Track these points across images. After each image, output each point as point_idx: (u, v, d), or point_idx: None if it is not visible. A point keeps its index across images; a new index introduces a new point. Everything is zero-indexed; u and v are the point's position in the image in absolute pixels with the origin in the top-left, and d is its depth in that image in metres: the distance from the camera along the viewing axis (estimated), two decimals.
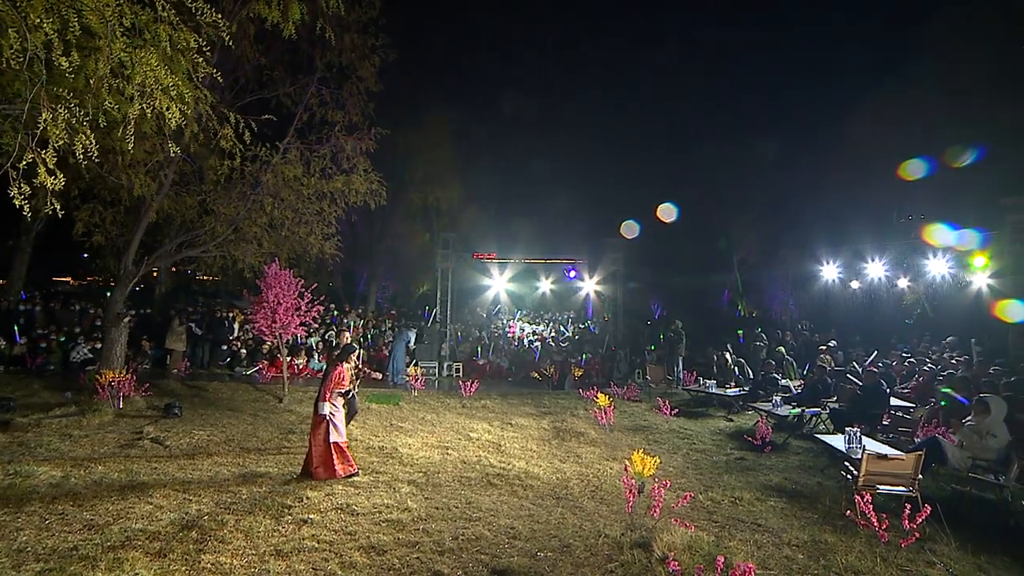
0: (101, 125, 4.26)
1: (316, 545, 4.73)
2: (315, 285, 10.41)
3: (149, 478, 6.17)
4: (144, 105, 4.32)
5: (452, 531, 5.10)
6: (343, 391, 6.60)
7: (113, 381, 8.73)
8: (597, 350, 16.46)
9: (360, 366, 8.07)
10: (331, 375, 6.51)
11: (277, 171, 9.60)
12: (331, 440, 6.38)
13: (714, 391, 11.45)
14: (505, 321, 19.35)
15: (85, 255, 17.70)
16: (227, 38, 5.00)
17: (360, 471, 6.57)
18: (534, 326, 19.07)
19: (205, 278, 20.04)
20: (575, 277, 18.92)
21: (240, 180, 9.90)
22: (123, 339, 9.50)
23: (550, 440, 8.86)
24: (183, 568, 4.24)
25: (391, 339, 15.62)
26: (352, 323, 15.77)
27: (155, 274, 15.34)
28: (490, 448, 8.19)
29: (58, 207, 4.38)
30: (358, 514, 5.44)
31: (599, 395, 9.76)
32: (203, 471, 6.53)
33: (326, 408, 6.38)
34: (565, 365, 14.66)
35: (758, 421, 9.12)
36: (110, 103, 4.13)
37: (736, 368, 13.58)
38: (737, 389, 11.56)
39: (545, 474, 7.07)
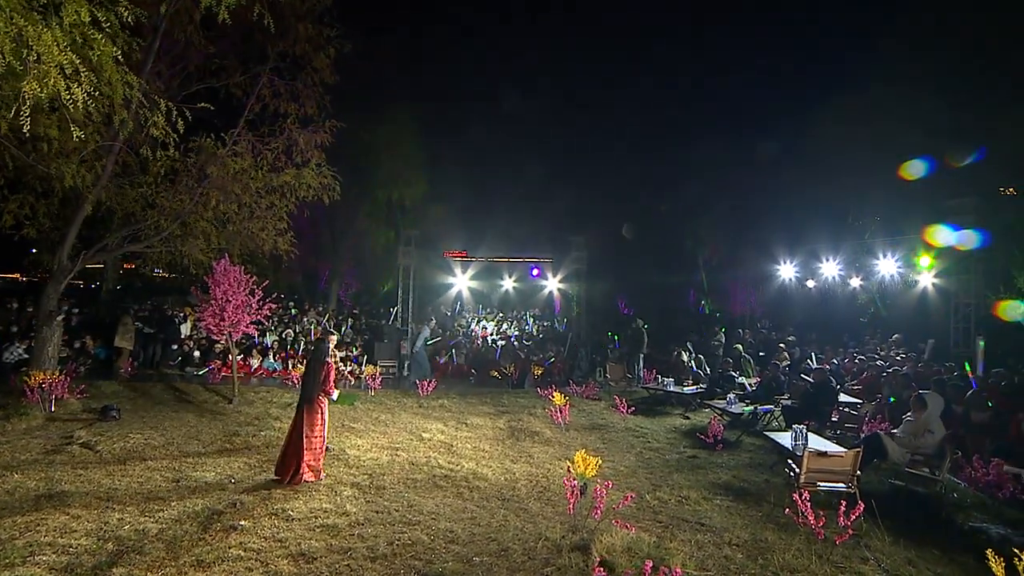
0: None
1: (242, 554, 4.51)
2: (267, 282, 10.06)
3: (71, 486, 5.83)
4: (37, 85, 4.01)
5: (388, 536, 4.94)
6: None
7: (44, 382, 8.25)
8: (560, 349, 16.43)
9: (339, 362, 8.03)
10: (326, 373, 6.34)
11: (225, 163, 9.22)
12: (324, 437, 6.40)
13: (672, 389, 11.51)
14: (469, 319, 19.17)
15: (33, 250, 16.74)
16: (126, 14, 4.69)
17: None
18: (499, 325, 18.94)
19: (163, 275, 19.31)
20: (538, 275, 18.88)
21: (186, 173, 9.48)
22: (56, 338, 9.00)
23: (504, 440, 8.74)
24: None
25: (352, 338, 15.33)
26: (314, 322, 15.41)
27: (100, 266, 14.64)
28: (441, 449, 8.03)
29: None
30: (292, 519, 5.23)
31: (555, 394, 9.69)
32: (133, 477, 6.21)
33: (335, 395, 6.52)
34: (526, 364, 14.57)
35: (712, 419, 9.18)
36: None
37: (694, 365, 13.72)
38: (694, 387, 11.65)
39: (494, 475, 6.95)
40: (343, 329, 15.79)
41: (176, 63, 9.84)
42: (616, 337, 17.37)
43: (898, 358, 11.82)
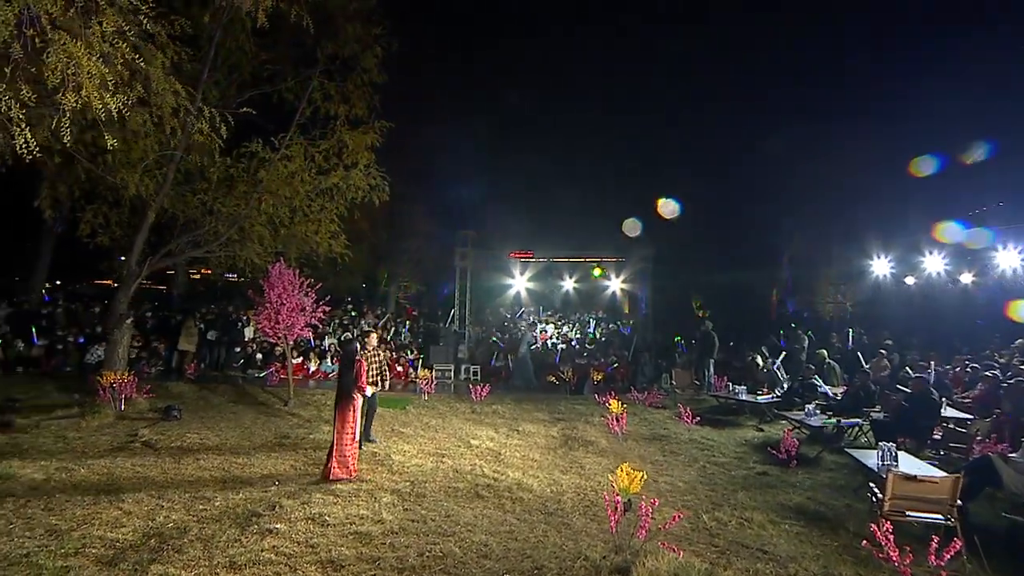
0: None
1: (273, 558, 4.43)
2: (320, 285, 10.20)
3: (128, 482, 6.05)
4: (72, 95, 4.11)
5: (420, 547, 4.68)
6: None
7: (115, 383, 8.74)
8: (624, 353, 15.67)
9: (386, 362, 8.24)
10: (358, 370, 6.51)
11: (277, 168, 9.43)
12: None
13: (744, 398, 10.56)
14: (531, 322, 18.76)
15: (122, 258, 18.24)
16: (146, 21, 4.77)
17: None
18: (559, 328, 18.42)
19: (234, 278, 20.31)
20: (601, 275, 18.20)
21: (240, 179, 9.81)
22: (126, 340, 9.54)
23: (556, 449, 8.31)
24: None
25: (409, 339, 15.41)
26: (372, 325, 15.60)
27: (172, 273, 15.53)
28: (488, 457, 7.71)
29: None
30: (328, 525, 5.11)
31: (612, 401, 9.11)
32: (184, 476, 6.37)
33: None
34: (585, 369, 13.99)
35: (786, 431, 8.27)
36: (27, 92, 3.94)
37: (774, 372, 12.54)
38: (770, 396, 10.62)
39: (540, 486, 6.54)
40: (402, 333, 15.92)
41: (232, 71, 10.21)
42: (689, 341, 16.28)
43: (1021, 367, 10.12)
